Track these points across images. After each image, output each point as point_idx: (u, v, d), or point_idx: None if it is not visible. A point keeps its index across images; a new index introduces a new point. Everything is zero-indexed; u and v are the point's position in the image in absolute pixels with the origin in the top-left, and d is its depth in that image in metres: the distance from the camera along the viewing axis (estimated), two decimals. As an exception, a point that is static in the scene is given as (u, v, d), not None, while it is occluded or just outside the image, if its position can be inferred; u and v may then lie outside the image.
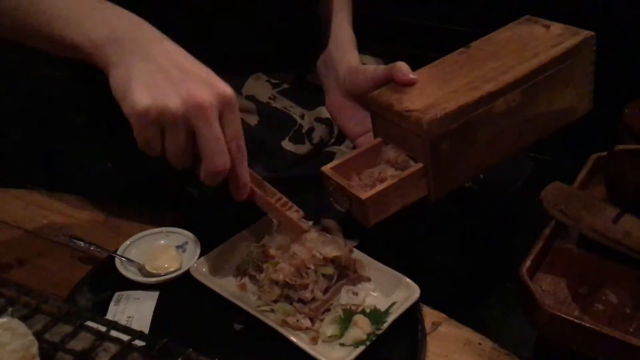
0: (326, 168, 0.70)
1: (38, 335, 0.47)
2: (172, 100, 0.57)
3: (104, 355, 0.47)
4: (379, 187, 0.66)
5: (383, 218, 0.67)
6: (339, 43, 0.85)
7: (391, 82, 0.72)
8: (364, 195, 0.65)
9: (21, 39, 0.67)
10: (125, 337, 0.49)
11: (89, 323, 0.49)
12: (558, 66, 0.70)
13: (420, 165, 0.67)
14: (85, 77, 0.94)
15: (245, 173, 0.65)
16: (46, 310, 0.50)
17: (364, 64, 0.84)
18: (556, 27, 0.74)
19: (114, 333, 0.49)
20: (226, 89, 0.60)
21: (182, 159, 0.61)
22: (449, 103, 0.66)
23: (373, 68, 0.75)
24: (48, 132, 1.18)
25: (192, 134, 0.60)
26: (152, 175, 0.96)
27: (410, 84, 0.70)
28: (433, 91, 0.68)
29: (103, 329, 0.49)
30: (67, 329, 0.49)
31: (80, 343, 0.48)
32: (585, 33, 0.72)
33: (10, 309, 0.50)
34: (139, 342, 0.48)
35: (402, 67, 0.71)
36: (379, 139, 0.73)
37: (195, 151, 0.61)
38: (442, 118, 0.65)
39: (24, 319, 0.48)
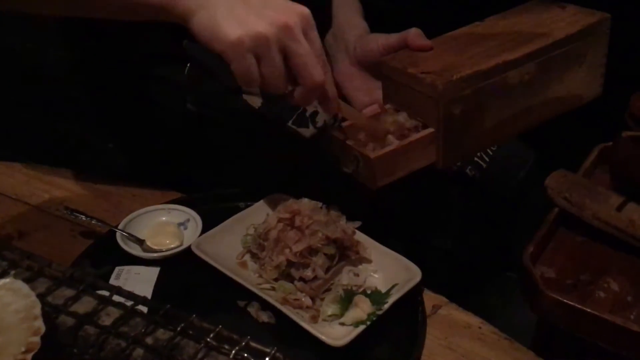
0: (334, 129, 0.70)
1: (40, 297, 0.47)
2: (261, 26, 0.59)
3: (107, 319, 0.47)
4: (388, 147, 0.66)
5: (389, 181, 0.67)
6: (348, 13, 0.85)
7: (403, 49, 0.72)
8: (372, 154, 0.65)
9: (98, 11, 0.68)
10: (128, 302, 0.48)
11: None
12: (573, 44, 0.71)
13: (430, 130, 0.67)
14: (90, 57, 0.94)
15: (333, 86, 0.66)
16: (49, 274, 0.50)
17: None
18: (572, 8, 0.75)
19: (116, 298, 0.49)
20: (304, 9, 0.63)
21: (280, 82, 0.62)
22: (465, 68, 0.66)
23: (385, 35, 0.75)
24: (51, 111, 1.18)
25: (283, 57, 0.61)
26: (153, 155, 0.96)
27: (425, 49, 0.71)
28: (448, 57, 0.69)
29: (106, 293, 0.49)
30: (70, 292, 0.48)
31: (83, 306, 0.47)
32: (601, 14, 0.73)
33: (12, 272, 0.50)
34: (142, 308, 0.48)
35: (418, 32, 0.72)
36: (388, 105, 0.72)
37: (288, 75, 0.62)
38: (457, 81, 0.65)
39: (26, 281, 0.48)
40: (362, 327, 0.65)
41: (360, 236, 0.74)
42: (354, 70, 0.81)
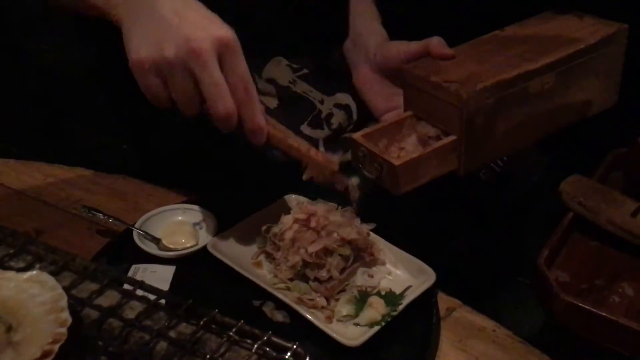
0: (357, 135, 0.71)
1: (65, 290, 0.47)
2: (167, 48, 0.57)
3: (130, 312, 0.47)
4: (412, 155, 0.67)
5: (412, 187, 0.68)
6: (366, 20, 0.86)
7: (424, 57, 0.73)
8: (397, 161, 0.66)
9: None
10: (151, 297, 0.49)
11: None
12: (592, 54, 0.72)
13: (453, 137, 0.68)
14: (107, 58, 0.95)
15: (257, 116, 0.62)
16: (73, 268, 0.51)
17: None
18: (589, 18, 0.75)
19: (139, 292, 0.49)
20: (224, 32, 0.59)
21: (189, 105, 0.60)
22: (488, 77, 0.67)
23: (406, 42, 0.76)
24: (68, 111, 1.19)
25: (196, 81, 0.59)
26: (168, 156, 0.97)
27: (448, 57, 0.71)
28: (471, 65, 0.69)
29: (130, 288, 0.49)
30: (94, 286, 0.49)
31: (107, 300, 0.48)
32: (619, 25, 0.73)
33: (38, 265, 0.51)
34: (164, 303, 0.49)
35: (440, 40, 0.72)
36: (409, 112, 0.73)
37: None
38: (480, 91, 0.65)
39: (51, 275, 0.49)
40: (376, 328, 0.65)
41: (374, 238, 0.75)
42: (374, 77, 0.81)
